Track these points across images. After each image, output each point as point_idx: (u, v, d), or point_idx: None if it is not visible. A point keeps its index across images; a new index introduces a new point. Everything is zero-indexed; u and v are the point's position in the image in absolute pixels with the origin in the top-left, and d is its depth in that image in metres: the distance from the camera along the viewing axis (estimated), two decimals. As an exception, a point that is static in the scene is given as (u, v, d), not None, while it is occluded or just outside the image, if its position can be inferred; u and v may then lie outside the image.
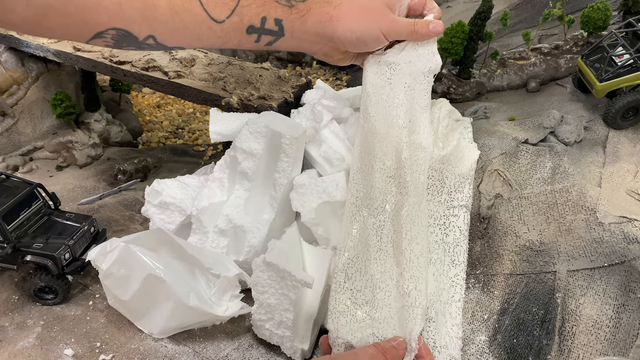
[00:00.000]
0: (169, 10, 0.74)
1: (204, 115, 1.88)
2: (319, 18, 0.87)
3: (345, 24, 0.88)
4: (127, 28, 0.73)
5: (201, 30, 0.79)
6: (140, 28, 0.74)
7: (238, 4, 0.80)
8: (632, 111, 1.00)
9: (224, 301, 0.89)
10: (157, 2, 0.73)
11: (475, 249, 0.88)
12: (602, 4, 1.10)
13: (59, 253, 0.94)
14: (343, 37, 0.88)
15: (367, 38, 0.90)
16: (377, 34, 0.89)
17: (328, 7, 0.87)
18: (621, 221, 0.86)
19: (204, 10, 0.77)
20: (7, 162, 1.38)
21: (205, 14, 0.77)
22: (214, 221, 0.97)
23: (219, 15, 0.79)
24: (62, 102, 1.37)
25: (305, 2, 0.86)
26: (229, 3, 0.80)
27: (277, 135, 0.93)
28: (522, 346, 0.80)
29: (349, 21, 0.88)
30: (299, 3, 0.85)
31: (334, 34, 0.88)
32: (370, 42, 0.92)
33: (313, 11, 0.86)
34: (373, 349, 0.74)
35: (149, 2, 0.72)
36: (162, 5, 0.74)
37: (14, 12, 0.63)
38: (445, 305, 0.84)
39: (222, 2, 0.78)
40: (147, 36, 0.75)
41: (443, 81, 1.22)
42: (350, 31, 0.88)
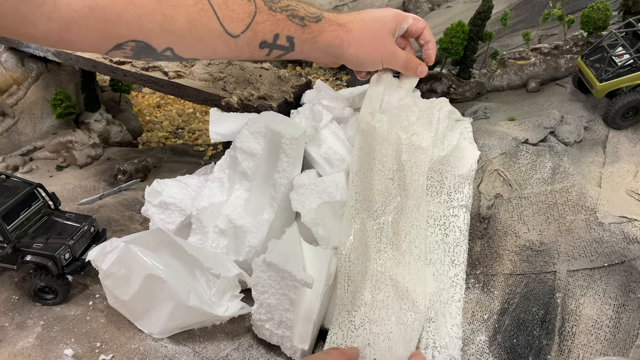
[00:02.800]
0: (188, 24, 0.76)
1: (204, 115, 1.88)
2: (330, 41, 0.91)
3: (353, 48, 0.93)
4: (146, 40, 0.74)
5: (216, 44, 0.80)
6: (159, 41, 0.75)
7: (253, 20, 0.82)
8: (632, 111, 1.00)
9: (224, 301, 0.89)
10: (176, 15, 0.74)
11: (475, 249, 0.88)
12: (602, 4, 1.10)
13: (59, 253, 0.94)
14: (348, 60, 0.94)
15: (369, 64, 0.97)
16: (378, 63, 0.97)
17: (340, 31, 0.91)
18: (621, 221, 0.86)
19: (220, 25, 0.79)
20: (7, 162, 1.38)
21: (222, 28, 0.79)
22: (214, 221, 0.97)
23: (235, 30, 0.80)
24: (62, 102, 1.37)
25: (318, 22, 0.88)
26: (245, 19, 0.81)
27: (277, 135, 0.93)
28: (522, 346, 0.80)
29: (357, 46, 0.93)
30: (312, 24, 0.88)
31: (342, 55, 0.93)
32: (370, 66, 0.99)
33: (325, 33, 0.89)
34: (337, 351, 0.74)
35: (168, 16, 0.73)
36: (181, 19, 0.75)
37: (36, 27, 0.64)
38: (445, 305, 0.84)
39: (238, 18, 0.80)
40: (165, 48, 0.76)
41: (443, 81, 1.22)
42: (356, 56, 0.94)
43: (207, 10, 0.76)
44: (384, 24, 0.94)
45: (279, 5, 0.84)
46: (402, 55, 0.97)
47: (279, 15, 0.84)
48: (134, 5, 0.69)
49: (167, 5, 0.73)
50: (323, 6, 0.98)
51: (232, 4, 0.79)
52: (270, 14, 0.83)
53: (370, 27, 0.93)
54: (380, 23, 0.94)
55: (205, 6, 0.76)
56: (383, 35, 0.94)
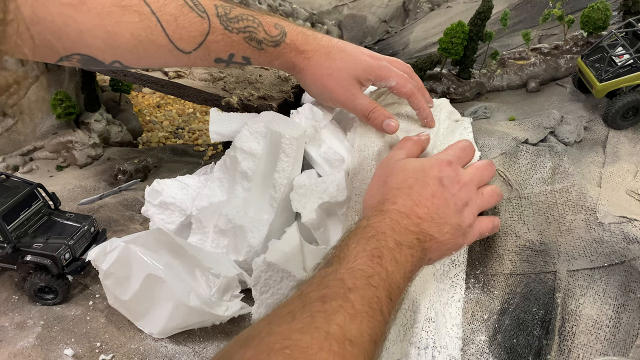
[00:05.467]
0: (133, 40, 0.74)
1: (204, 115, 1.88)
2: (285, 65, 0.89)
3: (308, 78, 0.90)
4: (91, 54, 0.73)
5: (167, 58, 0.79)
6: (104, 55, 0.74)
7: (206, 39, 0.80)
8: (632, 111, 1.00)
9: (224, 301, 0.89)
10: (120, 31, 0.73)
11: (475, 249, 0.88)
12: (602, 4, 1.10)
13: (59, 253, 0.94)
14: (304, 87, 0.91)
15: (323, 98, 0.92)
16: (334, 101, 0.91)
17: (298, 57, 0.88)
18: (621, 221, 0.86)
19: (170, 42, 0.77)
20: (7, 162, 1.38)
21: (172, 45, 0.78)
22: (214, 221, 0.97)
23: (186, 47, 0.79)
24: (62, 102, 1.37)
25: (277, 47, 0.86)
26: (197, 37, 0.80)
27: (277, 135, 0.93)
28: (522, 346, 0.80)
29: (312, 77, 0.90)
30: (270, 47, 0.86)
31: (300, 80, 0.91)
32: (325, 101, 0.93)
33: (282, 58, 0.88)
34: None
35: (111, 32, 0.72)
36: (125, 35, 0.73)
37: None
38: (445, 305, 0.84)
39: (189, 36, 0.79)
40: (112, 61, 0.75)
41: (443, 81, 1.22)
42: (310, 86, 0.91)
43: (155, 27, 0.74)
44: (349, 66, 0.86)
45: (237, 26, 0.81)
46: (364, 103, 0.87)
47: (234, 36, 0.81)
48: (74, 21, 0.67)
49: (109, 22, 0.70)
50: (322, 6, 0.98)
51: (182, 21, 0.76)
52: (225, 34, 0.81)
53: (334, 63, 0.87)
54: (347, 63, 0.87)
55: (152, 23, 0.74)
56: (342, 76, 0.87)
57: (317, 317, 0.51)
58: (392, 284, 0.60)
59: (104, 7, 0.70)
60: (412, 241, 0.66)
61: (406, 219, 0.67)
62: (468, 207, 0.73)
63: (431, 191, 0.70)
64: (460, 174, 0.75)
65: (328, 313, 0.51)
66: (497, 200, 0.79)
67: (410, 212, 0.68)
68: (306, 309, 0.52)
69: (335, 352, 0.48)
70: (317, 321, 0.50)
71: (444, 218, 0.69)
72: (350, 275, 0.57)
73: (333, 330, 0.50)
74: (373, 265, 0.59)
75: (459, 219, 0.71)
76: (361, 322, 0.52)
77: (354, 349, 0.50)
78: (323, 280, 0.57)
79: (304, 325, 0.50)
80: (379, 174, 0.77)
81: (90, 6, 0.69)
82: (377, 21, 2.31)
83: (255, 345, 0.47)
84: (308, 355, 0.47)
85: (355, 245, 0.62)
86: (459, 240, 0.72)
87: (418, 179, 0.71)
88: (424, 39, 1.81)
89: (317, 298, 0.53)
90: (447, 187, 0.71)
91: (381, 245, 0.62)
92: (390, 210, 0.67)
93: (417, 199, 0.69)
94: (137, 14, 0.73)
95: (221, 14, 0.80)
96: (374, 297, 0.56)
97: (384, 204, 0.69)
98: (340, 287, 0.55)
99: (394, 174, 0.73)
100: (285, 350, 0.46)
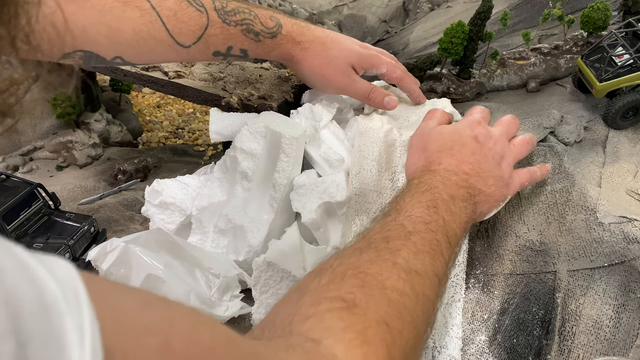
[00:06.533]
0: (135, 35, 0.76)
1: (204, 115, 1.88)
2: (282, 56, 0.91)
3: (306, 68, 0.92)
4: (93, 51, 0.74)
5: (168, 53, 0.81)
6: (107, 51, 0.75)
7: (205, 32, 0.82)
8: (632, 111, 1.00)
9: (224, 301, 0.89)
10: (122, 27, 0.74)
11: (475, 249, 0.88)
12: (602, 4, 1.10)
13: (59, 253, 0.94)
14: (303, 78, 0.93)
15: (324, 88, 0.96)
16: (334, 88, 0.94)
17: (293, 49, 0.91)
18: (621, 221, 0.86)
19: (170, 36, 0.79)
20: (7, 162, 1.38)
21: (172, 39, 0.79)
22: (213, 221, 0.97)
23: (185, 41, 0.81)
24: (62, 102, 1.37)
25: (274, 38, 0.88)
26: (196, 31, 0.81)
27: (276, 135, 0.93)
28: (522, 346, 0.80)
29: (311, 67, 0.92)
30: (267, 39, 0.88)
31: (296, 71, 0.93)
32: (327, 89, 0.97)
33: (279, 49, 0.89)
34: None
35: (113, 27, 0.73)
36: (127, 30, 0.75)
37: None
38: (445, 305, 0.84)
39: (189, 30, 0.80)
40: (114, 57, 0.77)
41: (443, 81, 1.22)
42: (310, 76, 0.92)
43: (155, 22, 0.76)
44: (344, 54, 0.91)
45: (234, 18, 0.83)
46: (363, 85, 0.93)
47: (232, 29, 0.83)
48: (78, 17, 0.69)
49: (111, 17, 0.72)
50: (322, 6, 0.98)
51: (182, 16, 0.78)
52: (224, 27, 0.82)
53: (331, 52, 0.91)
54: (342, 52, 0.91)
55: (153, 18, 0.76)
56: (339, 63, 0.91)
57: (382, 252, 0.55)
58: (450, 231, 0.63)
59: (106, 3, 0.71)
60: (464, 195, 0.70)
61: (455, 175, 0.71)
62: (505, 160, 0.77)
63: (471, 149, 0.75)
64: (492, 131, 0.79)
65: (392, 250, 0.55)
66: (529, 149, 0.85)
67: (457, 169, 0.72)
68: (372, 246, 0.56)
69: (403, 279, 0.52)
70: (383, 255, 0.54)
71: (487, 172, 0.74)
72: (410, 221, 0.61)
73: (399, 261, 0.54)
74: (430, 213, 0.63)
75: (500, 171, 0.75)
76: (424, 258, 0.56)
77: (420, 278, 0.54)
78: (384, 226, 0.60)
79: (372, 257, 0.54)
80: (415, 142, 0.82)
81: (93, 2, 0.70)
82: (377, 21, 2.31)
83: (329, 274, 0.51)
84: (379, 281, 0.50)
85: (411, 199, 0.65)
86: (503, 191, 0.76)
87: (456, 140, 0.75)
88: (424, 39, 1.80)
89: (381, 239, 0.57)
90: (483, 143, 0.76)
91: (436, 197, 0.66)
92: (438, 170, 0.71)
93: (460, 157, 0.73)
94: (138, 10, 0.74)
95: (218, 8, 0.82)
96: (434, 240, 0.59)
97: (430, 165, 0.73)
98: (402, 231, 0.59)
99: (431, 140, 0.78)
100: (359, 275, 0.50)
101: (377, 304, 0.48)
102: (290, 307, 0.48)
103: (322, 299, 0.47)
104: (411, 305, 0.51)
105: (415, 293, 0.52)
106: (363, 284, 0.49)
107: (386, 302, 0.49)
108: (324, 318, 0.45)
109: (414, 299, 0.51)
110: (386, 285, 0.50)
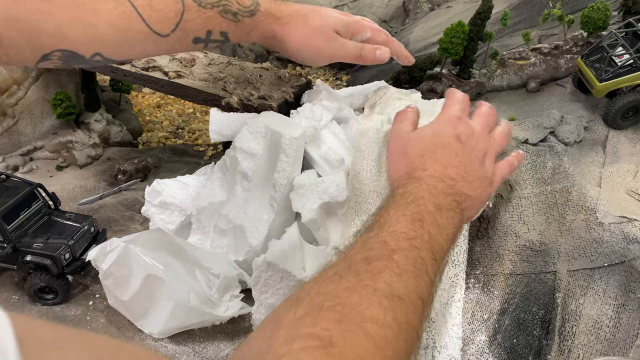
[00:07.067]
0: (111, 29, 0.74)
1: (204, 115, 1.88)
2: (264, 34, 0.89)
3: (291, 42, 0.90)
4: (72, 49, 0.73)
5: (147, 44, 0.79)
6: (85, 48, 0.74)
7: (182, 18, 0.80)
8: (632, 111, 1.00)
9: (224, 301, 0.89)
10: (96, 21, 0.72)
11: (475, 249, 0.88)
12: (602, 4, 1.10)
13: (59, 253, 0.94)
14: (288, 53, 0.91)
15: (315, 59, 0.92)
16: (324, 57, 0.91)
17: (274, 25, 0.89)
18: (621, 221, 0.86)
19: (147, 26, 0.77)
20: (7, 162, 1.38)
21: (149, 29, 0.77)
22: (213, 221, 0.97)
23: (163, 30, 0.79)
24: (62, 102, 1.37)
25: (252, 17, 0.86)
26: (173, 18, 0.79)
27: (276, 135, 0.93)
28: (522, 346, 0.80)
29: (296, 40, 0.90)
30: (246, 18, 0.86)
31: (280, 48, 0.90)
32: (316, 61, 0.94)
33: (259, 27, 0.87)
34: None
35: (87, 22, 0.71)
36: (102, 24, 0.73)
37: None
38: (445, 305, 0.84)
39: (165, 18, 0.78)
40: (94, 54, 0.75)
41: (443, 81, 1.22)
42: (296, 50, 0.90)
43: (130, 13, 0.73)
44: (329, 22, 0.89)
45: (210, 1, 0.81)
46: (351, 45, 0.90)
47: (209, 12, 0.81)
48: (51, 15, 0.67)
49: (85, 12, 0.70)
50: (322, 6, 0.98)
51: (156, 4, 0.76)
52: (200, 10, 0.80)
53: (314, 23, 0.89)
54: (326, 20, 0.90)
55: (127, 8, 0.73)
56: (325, 31, 0.89)
57: (363, 276, 0.51)
58: (435, 246, 0.60)
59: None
60: (451, 203, 0.66)
61: (441, 182, 0.68)
62: (487, 157, 0.75)
63: (453, 150, 0.71)
64: (473, 126, 0.76)
65: (374, 272, 0.51)
66: (507, 139, 0.80)
67: (443, 175, 0.69)
68: (352, 269, 0.52)
69: (385, 307, 0.48)
70: (364, 280, 0.50)
71: (472, 174, 0.71)
72: (393, 237, 0.58)
73: (381, 287, 0.50)
74: (415, 228, 0.60)
75: (484, 171, 0.73)
76: (407, 280, 0.53)
77: (404, 304, 0.50)
78: (366, 244, 0.57)
79: (351, 284, 0.50)
80: (395, 147, 0.78)
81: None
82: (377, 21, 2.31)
83: (305, 304, 0.48)
84: (358, 312, 0.47)
85: (395, 211, 0.62)
86: (488, 190, 0.73)
87: (438, 142, 0.72)
88: (424, 39, 1.80)
89: (362, 260, 0.54)
90: (465, 142, 0.73)
91: (421, 209, 0.62)
92: (423, 177, 0.68)
93: (445, 161, 0.70)
94: (111, 1, 0.73)
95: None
96: (418, 258, 0.56)
97: (414, 171, 0.69)
98: (384, 249, 0.55)
99: (413, 143, 0.74)
100: (336, 307, 0.47)
101: (355, 341, 0.45)
102: (263, 342, 0.45)
103: (296, 335, 0.44)
104: (393, 336, 0.47)
105: (398, 322, 0.48)
106: (341, 318, 0.46)
107: (365, 337, 0.45)
108: (298, 358, 0.42)
109: (396, 329, 0.48)
110: (366, 317, 0.47)
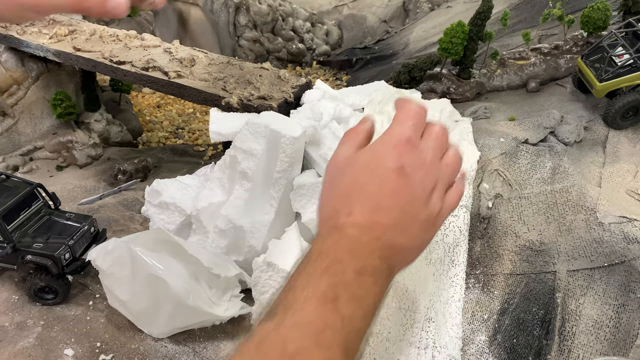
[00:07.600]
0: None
1: (204, 115, 1.88)
2: None
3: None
4: None
5: None
6: None
7: None
8: (632, 111, 1.00)
9: (224, 301, 0.89)
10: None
11: (475, 249, 0.88)
12: (602, 4, 1.10)
13: (59, 253, 0.95)
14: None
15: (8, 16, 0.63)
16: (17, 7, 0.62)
17: None
18: (621, 221, 0.86)
19: None
20: (7, 162, 1.38)
21: None
22: (214, 221, 0.97)
23: None
24: (62, 102, 1.37)
25: None
26: None
27: (276, 135, 0.93)
28: (522, 346, 0.80)
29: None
30: None
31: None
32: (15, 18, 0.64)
33: None
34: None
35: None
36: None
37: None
38: (445, 305, 0.84)
39: None
40: None
41: (443, 81, 1.22)
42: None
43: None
44: None
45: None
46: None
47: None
48: None
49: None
50: (322, 6, 0.98)
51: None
52: None
53: None
54: None
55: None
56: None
57: None
58: (350, 333, 0.49)
59: None
60: (375, 263, 0.54)
61: (366, 233, 0.54)
62: (436, 190, 0.60)
63: (391, 187, 0.56)
64: (423, 152, 0.60)
65: None
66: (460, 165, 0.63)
67: (370, 222, 0.55)
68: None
69: None
70: None
71: (410, 218, 0.56)
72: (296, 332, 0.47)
73: None
74: (325, 313, 0.48)
75: (428, 210, 0.58)
76: None
77: None
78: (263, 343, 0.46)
79: None
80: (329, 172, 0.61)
81: None
82: (377, 21, 2.32)
83: None
84: None
85: (305, 284, 0.50)
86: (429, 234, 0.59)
87: (373, 175, 0.56)
88: (424, 39, 1.81)
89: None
90: (410, 176, 0.57)
91: (337, 281, 0.50)
92: (346, 225, 0.55)
93: (376, 201, 0.55)
94: None
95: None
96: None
97: (337, 216, 0.56)
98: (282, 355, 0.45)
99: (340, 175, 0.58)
100: None
101: None
102: None
103: None
104: None
105: None
106: None
107: None
108: None
109: None
110: None
